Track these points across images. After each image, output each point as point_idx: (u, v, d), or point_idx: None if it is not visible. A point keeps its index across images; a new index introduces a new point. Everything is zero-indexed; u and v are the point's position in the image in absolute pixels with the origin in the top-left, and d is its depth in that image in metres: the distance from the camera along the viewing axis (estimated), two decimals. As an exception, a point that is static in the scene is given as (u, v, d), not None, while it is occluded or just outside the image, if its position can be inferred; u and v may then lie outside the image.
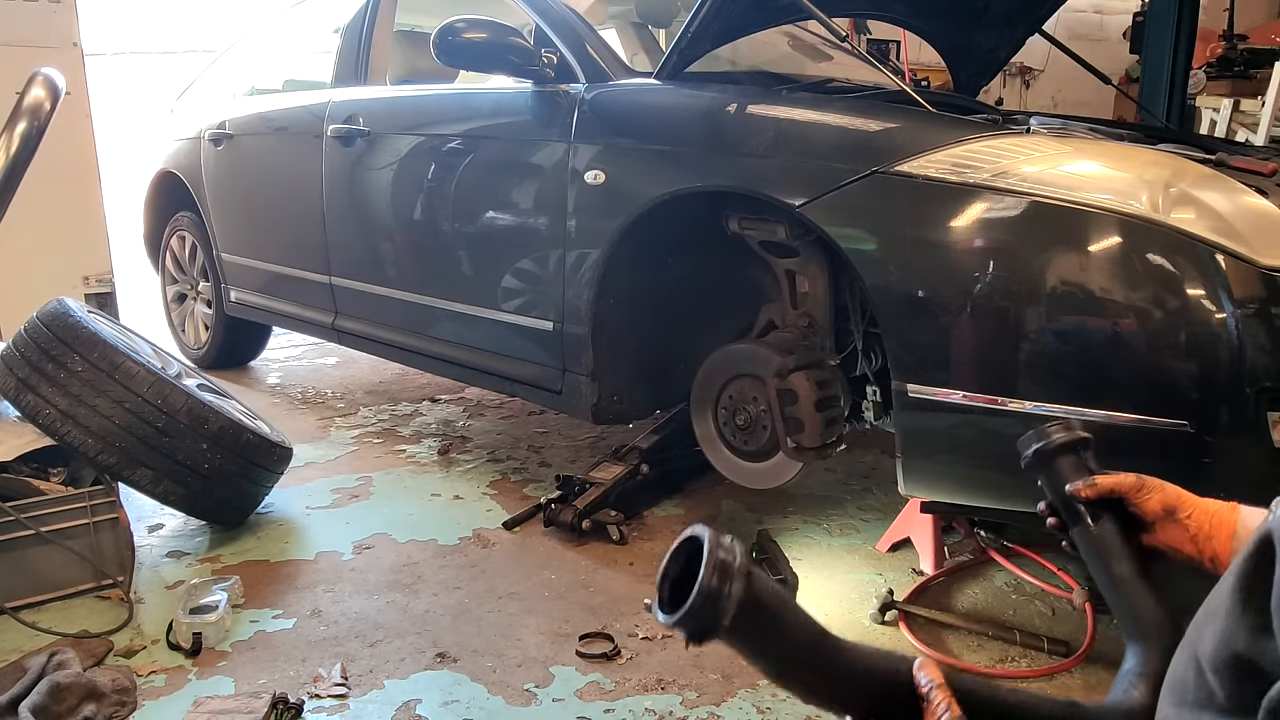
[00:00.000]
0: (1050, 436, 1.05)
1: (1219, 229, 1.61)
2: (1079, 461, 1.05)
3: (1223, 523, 0.98)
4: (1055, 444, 1.05)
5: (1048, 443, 1.05)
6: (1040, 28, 3.02)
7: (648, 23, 3.58)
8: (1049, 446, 1.05)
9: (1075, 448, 1.05)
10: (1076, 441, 1.05)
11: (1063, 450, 1.05)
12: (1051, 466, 1.05)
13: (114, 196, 4.03)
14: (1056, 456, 1.05)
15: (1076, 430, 1.06)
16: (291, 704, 1.76)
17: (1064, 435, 1.05)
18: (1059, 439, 1.05)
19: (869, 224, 1.89)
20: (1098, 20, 8.04)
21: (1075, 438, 1.05)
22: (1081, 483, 1.01)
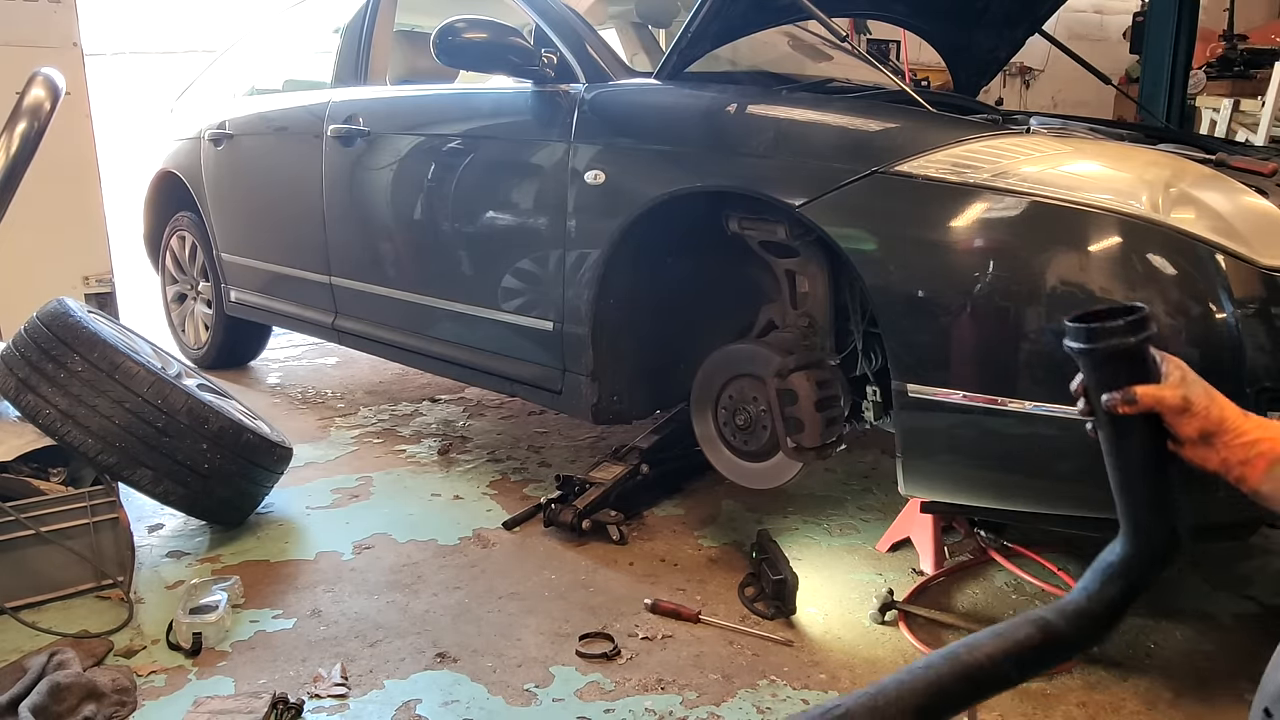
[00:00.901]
0: (1106, 336, 0.95)
1: (1219, 229, 1.61)
2: (1128, 367, 0.97)
3: (1261, 453, 0.95)
4: (1109, 349, 0.96)
5: (1102, 345, 0.96)
6: (1040, 28, 3.02)
7: (648, 23, 3.58)
8: (1102, 349, 0.96)
9: (1130, 353, 0.96)
10: (1135, 348, 0.96)
11: (1117, 355, 0.96)
12: (1098, 365, 0.98)
13: (114, 196, 4.03)
14: (1108, 359, 0.97)
15: (1143, 331, 0.95)
16: (291, 704, 1.76)
17: (1122, 343, 0.95)
18: (1114, 345, 0.95)
19: (869, 224, 1.89)
20: (1098, 20, 8.04)
21: (1136, 344, 0.95)
22: (1120, 397, 0.95)
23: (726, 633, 2.03)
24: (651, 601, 2.12)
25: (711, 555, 2.40)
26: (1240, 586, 2.24)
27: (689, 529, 2.56)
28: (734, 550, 2.42)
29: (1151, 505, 0.98)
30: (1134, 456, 0.98)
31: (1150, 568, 0.97)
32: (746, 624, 2.05)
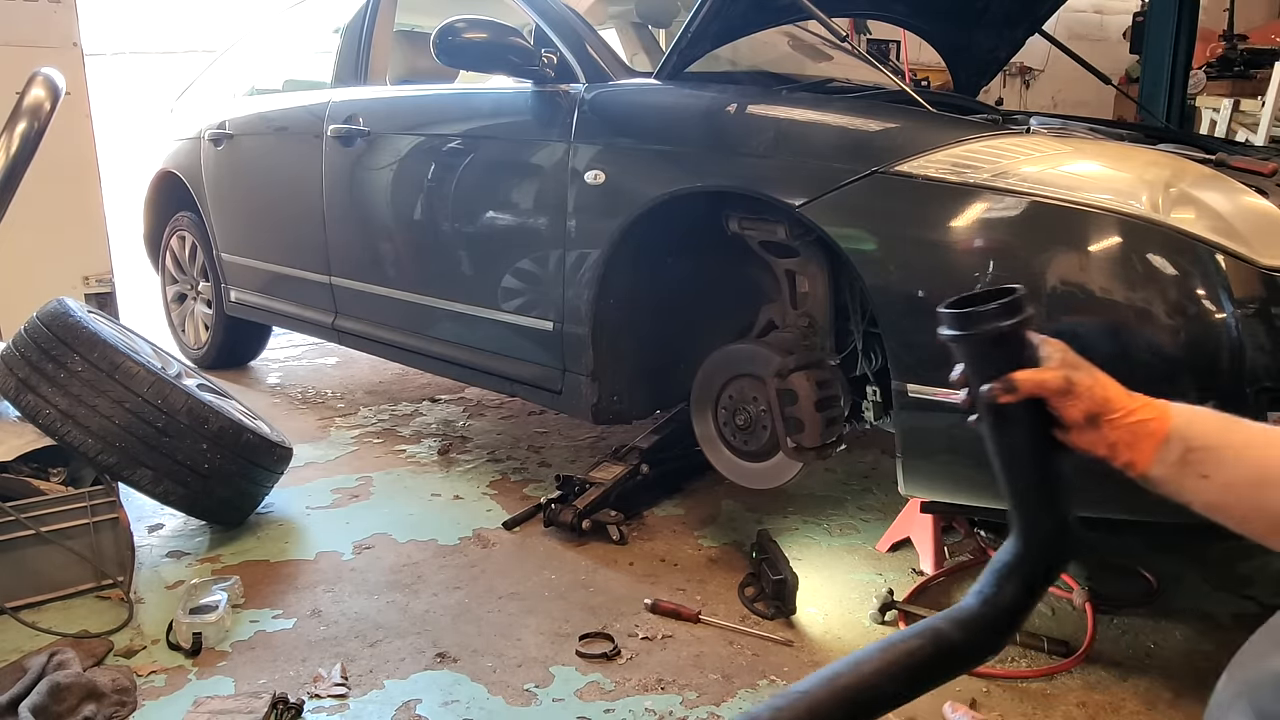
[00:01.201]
0: (981, 321, 0.89)
1: (1219, 229, 1.61)
2: (1005, 352, 0.90)
3: (1149, 433, 0.88)
4: (985, 334, 0.89)
5: (976, 330, 0.89)
6: (1040, 28, 3.02)
7: (648, 23, 3.58)
8: (976, 335, 0.90)
9: (1006, 339, 0.90)
10: (1010, 330, 0.89)
11: (993, 341, 0.90)
12: (974, 352, 0.92)
13: (114, 196, 4.03)
14: (985, 345, 0.91)
15: (1019, 314, 0.89)
16: (291, 704, 1.76)
17: (996, 327, 0.89)
18: (989, 330, 0.89)
19: (869, 224, 1.89)
20: (1098, 20, 8.04)
21: (1011, 327, 0.89)
22: (1000, 385, 0.89)
23: (726, 633, 2.03)
24: (651, 601, 2.12)
25: (711, 555, 2.40)
26: (1240, 586, 2.24)
27: (689, 529, 2.56)
28: (734, 550, 2.42)
29: (1042, 499, 0.94)
30: (1019, 448, 0.93)
31: (1046, 566, 0.93)
32: (746, 624, 2.05)
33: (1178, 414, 0.89)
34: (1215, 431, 0.88)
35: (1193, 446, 0.86)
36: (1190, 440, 0.87)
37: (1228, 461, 0.85)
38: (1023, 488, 0.93)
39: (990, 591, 0.91)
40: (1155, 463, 0.88)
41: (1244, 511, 0.85)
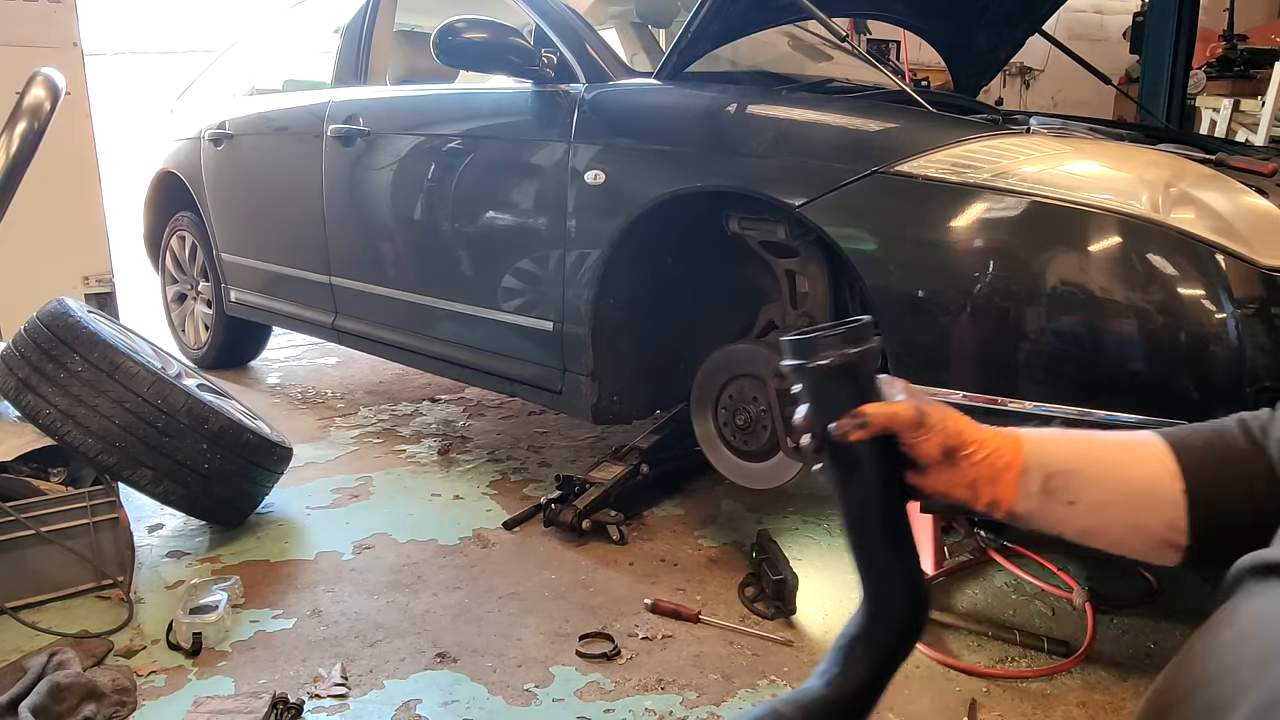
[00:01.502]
0: (823, 350, 0.79)
1: (1219, 229, 1.61)
2: (851, 385, 0.80)
3: (1007, 464, 0.79)
4: (828, 366, 0.79)
5: (819, 361, 0.79)
6: (1040, 28, 3.02)
7: (648, 23, 3.58)
8: (819, 367, 0.79)
9: (852, 369, 0.80)
10: (858, 360, 0.80)
11: (838, 373, 0.80)
12: (819, 386, 0.81)
13: (114, 196, 4.03)
14: (829, 379, 0.80)
15: (865, 343, 0.80)
16: (291, 704, 1.76)
17: (841, 354, 0.79)
18: (833, 360, 0.79)
19: (869, 224, 1.89)
20: (1098, 20, 8.04)
21: (857, 356, 0.79)
22: (851, 423, 0.78)
23: (726, 633, 2.03)
24: (651, 601, 2.12)
25: (711, 555, 2.40)
26: (1240, 586, 2.24)
27: (689, 529, 2.56)
28: (734, 550, 2.42)
29: (894, 557, 0.81)
30: (870, 495, 0.81)
31: (899, 637, 0.80)
32: (746, 624, 2.05)
33: (1029, 440, 0.81)
34: (1071, 453, 0.81)
35: (1052, 472, 0.79)
36: (1048, 465, 0.79)
37: (1091, 483, 0.79)
38: (874, 544, 0.81)
39: (836, 671, 0.78)
40: (1020, 497, 0.79)
41: (1118, 533, 0.80)
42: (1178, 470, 0.78)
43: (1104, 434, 0.83)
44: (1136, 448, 0.81)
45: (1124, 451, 0.81)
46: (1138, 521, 0.78)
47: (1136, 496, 0.78)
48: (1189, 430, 0.82)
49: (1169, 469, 0.78)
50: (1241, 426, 0.80)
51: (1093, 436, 0.82)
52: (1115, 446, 0.81)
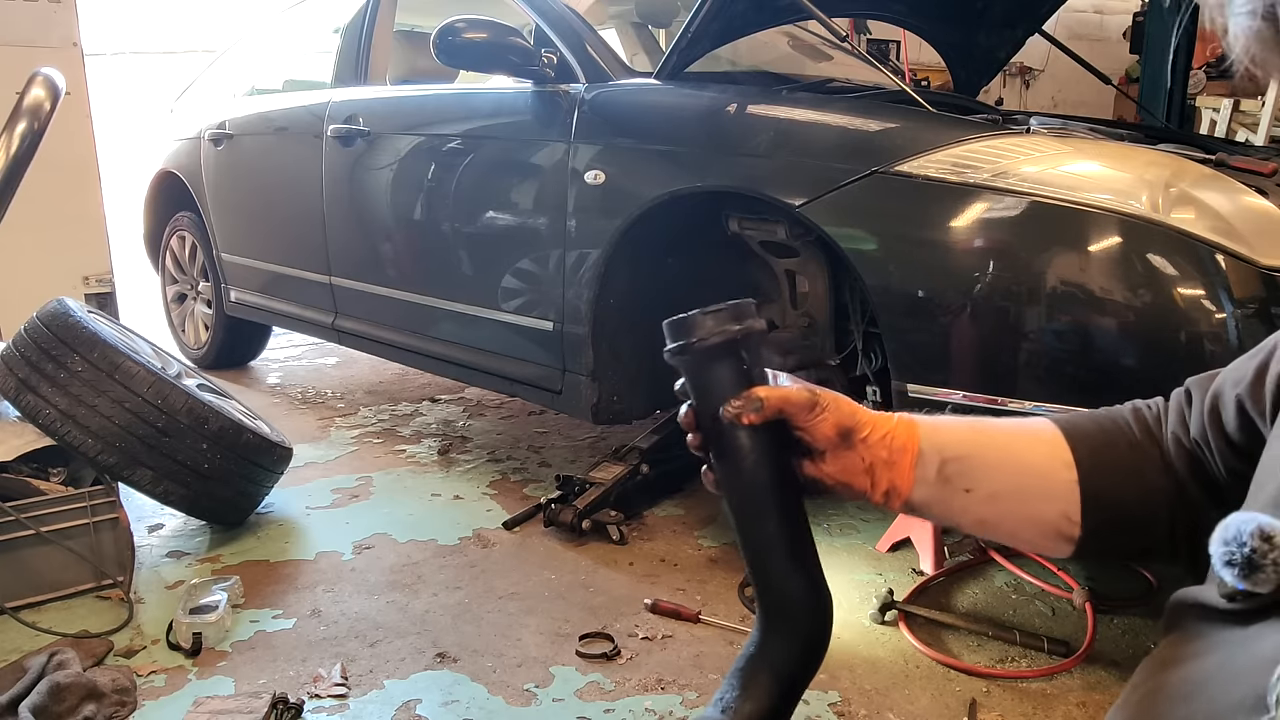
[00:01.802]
0: (704, 328, 0.72)
1: (1219, 229, 1.61)
2: (738, 366, 0.73)
3: (902, 447, 0.75)
4: (711, 344, 0.72)
5: (701, 340, 0.72)
6: (1040, 28, 3.02)
7: (648, 23, 3.58)
8: (702, 345, 0.72)
9: (736, 347, 0.73)
10: (742, 338, 0.73)
11: (721, 352, 0.73)
12: (702, 368, 0.74)
13: (114, 196, 4.03)
14: (712, 359, 0.73)
15: (747, 320, 0.73)
16: (291, 704, 1.75)
17: (723, 330, 0.72)
18: (715, 338, 0.72)
19: (869, 224, 1.89)
20: (1098, 20, 8.04)
21: (740, 333, 0.72)
22: (743, 404, 0.71)
23: (726, 633, 2.03)
24: (651, 601, 2.12)
25: (711, 555, 2.40)
26: (1240, 586, 2.24)
27: (689, 529, 2.56)
28: (734, 550, 2.42)
29: (793, 556, 0.73)
30: (765, 490, 0.73)
31: (807, 649, 0.72)
32: (746, 624, 2.05)
33: (924, 424, 0.77)
34: (967, 439, 0.78)
35: (948, 457, 0.76)
36: (944, 450, 0.76)
37: (988, 470, 0.76)
38: (771, 544, 0.73)
39: (733, 696, 0.69)
40: (917, 483, 0.75)
41: (1013, 525, 0.78)
42: (1071, 459, 0.76)
43: (998, 420, 0.81)
44: (1031, 434, 0.78)
45: (1019, 439, 0.78)
46: (1033, 512, 0.76)
47: (1032, 486, 0.76)
48: (1083, 417, 0.80)
49: (1063, 457, 0.76)
50: (1136, 415, 0.79)
51: (988, 422, 0.80)
52: (1010, 434, 0.79)
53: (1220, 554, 0.54)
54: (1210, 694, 0.53)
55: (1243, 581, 0.53)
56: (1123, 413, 0.81)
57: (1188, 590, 0.62)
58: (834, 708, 1.75)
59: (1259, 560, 0.52)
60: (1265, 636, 0.52)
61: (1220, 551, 0.54)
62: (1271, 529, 0.52)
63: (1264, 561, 0.52)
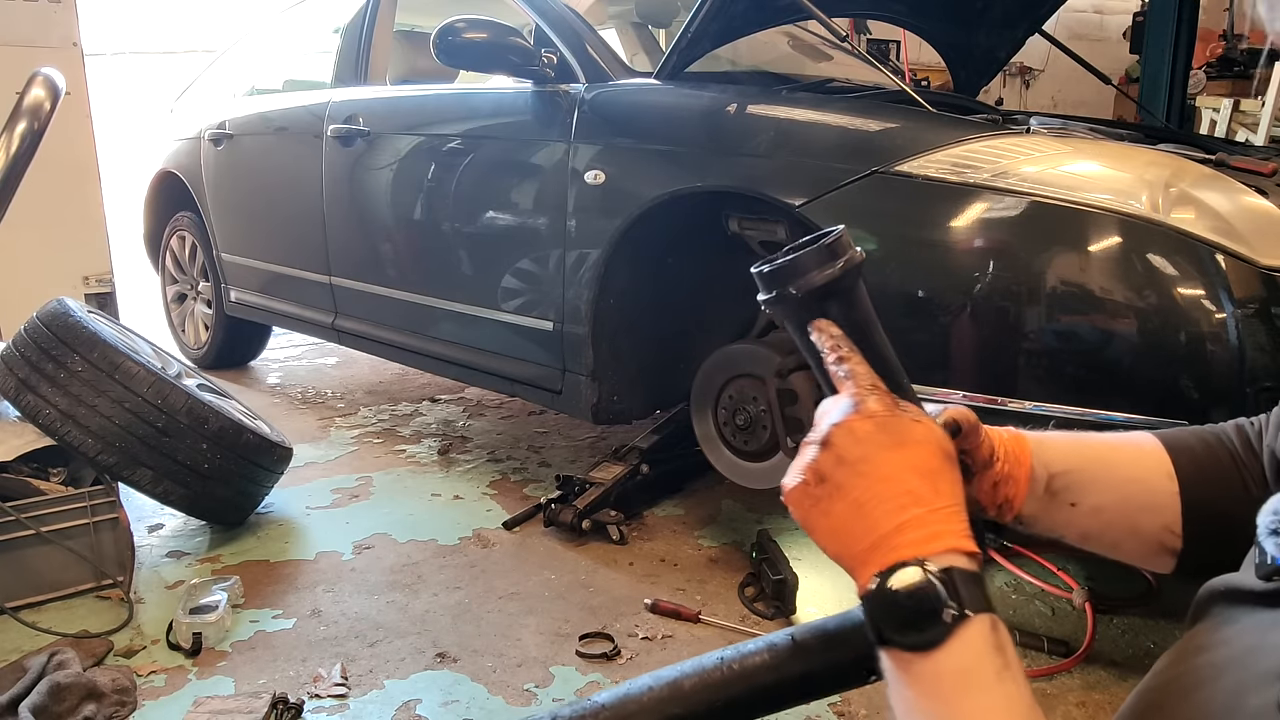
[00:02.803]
0: (801, 272, 0.64)
1: (1219, 229, 1.61)
2: (845, 310, 0.67)
3: (1018, 461, 0.75)
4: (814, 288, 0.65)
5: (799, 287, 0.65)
6: (1040, 28, 3.02)
7: (648, 23, 3.58)
8: (802, 291, 0.65)
9: (851, 289, 0.66)
10: (845, 274, 0.65)
11: (824, 295, 0.65)
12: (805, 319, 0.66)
13: (114, 196, 4.03)
14: (823, 304, 0.66)
15: (846, 253, 0.65)
16: (291, 704, 1.75)
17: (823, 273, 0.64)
18: (817, 280, 0.64)
19: (869, 224, 1.89)
20: (1098, 20, 8.04)
21: (843, 269, 0.65)
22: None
23: (726, 633, 2.03)
24: (651, 601, 2.12)
25: (711, 555, 2.40)
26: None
27: (689, 529, 2.56)
28: (734, 550, 2.42)
29: None
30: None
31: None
32: (746, 624, 2.05)
33: (1033, 439, 0.77)
34: (1073, 453, 0.77)
35: (1055, 472, 0.76)
36: (1051, 465, 0.76)
37: (1092, 483, 0.76)
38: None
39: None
40: (1028, 497, 0.75)
41: (1116, 536, 0.77)
42: (1173, 470, 0.76)
43: (1101, 435, 0.81)
44: (1134, 448, 0.79)
45: (1122, 453, 0.79)
46: (1136, 525, 0.76)
47: (1136, 498, 0.76)
48: (1186, 432, 0.80)
49: (1165, 470, 0.76)
50: (1239, 431, 0.79)
51: (1090, 437, 0.80)
52: (1113, 448, 0.79)
53: (1267, 523, 0.53)
54: (1239, 668, 0.52)
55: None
56: (1225, 428, 0.80)
57: (1219, 578, 0.61)
58: (834, 708, 1.75)
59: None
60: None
61: (1267, 520, 0.53)
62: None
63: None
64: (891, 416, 0.60)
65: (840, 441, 0.60)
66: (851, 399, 0.61)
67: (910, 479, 0.58)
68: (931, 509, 0.57)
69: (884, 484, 0.58)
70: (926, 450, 0.59)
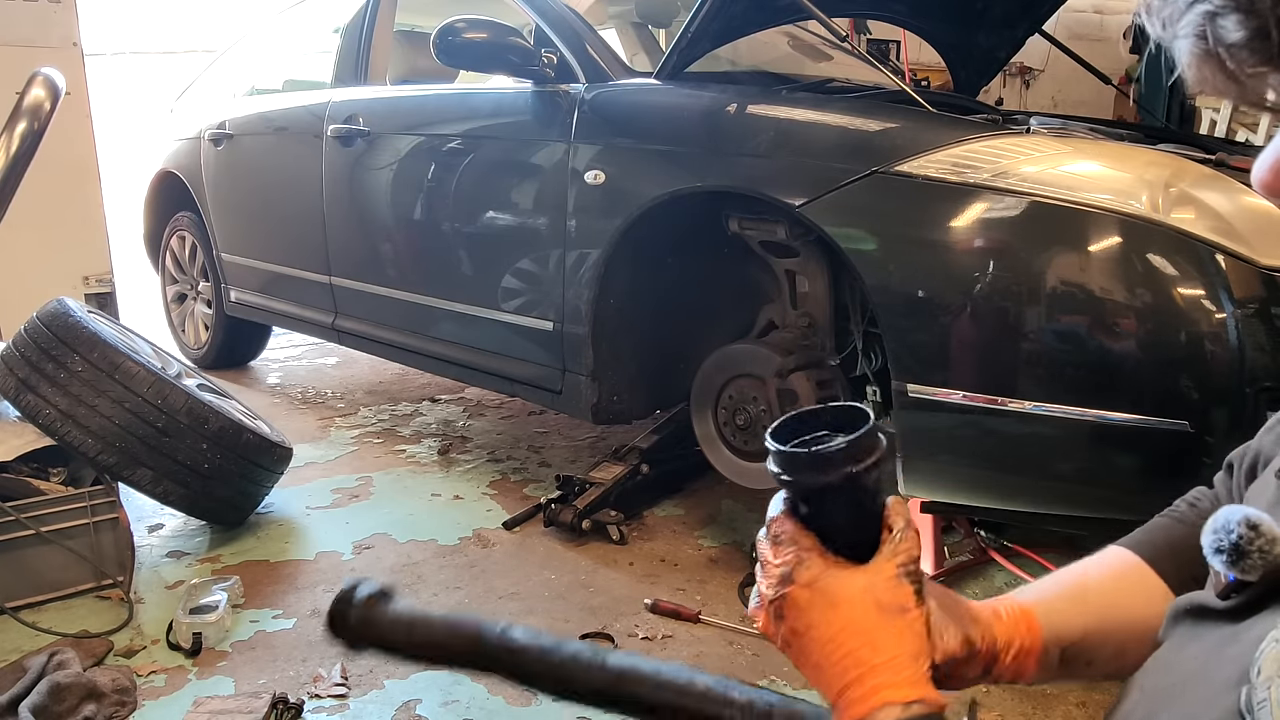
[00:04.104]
0: (825, 468, 0.64)
1: (1219, 229, 1.61)
2: (865, 504, 0.66)
3: (1028, 651, 0.73)
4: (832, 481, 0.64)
5: (818, 478, 0.65)
6: (1040, 28, 3.02)
7: (648, 23, 3.58)
8: (822, 483, 0.65)
9: (869, 487, 0.65)
10: (863, 475, 0.64)
11: (844, 491, 0.65)
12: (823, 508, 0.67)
13: (114, 196, 4.03)
14: (833, 500, 0.66)
15: (876, 451, 0.64)
16: (291, 704, 1.75)
17: (849, 470, 0.63)
18: (838, 476, 0.63)
19: (869, 224, 1.89)
20: (1098, 20, 8.04)
21: (870, 467, 0.63)
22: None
23: (726, 633, 2.03)
24: (651, 601, 2.12)
25: (711, 555, 2.40)
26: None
27: (689, 529, 2.56)
28: (734, 550, 2.42)
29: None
30: None
31: None
32: (746, 624, 2.05)
33: (1041, 613, 0.74)
34: (1078, 618, 0.76)
35: (1066, 645, 0.75)
36: (1063, 639, 0.75)
37: (1104, 642, 0.76)
38: None
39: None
40: (1039, 671, 0.74)
41: (1139, 659, 0.75)
42: (1165, 587, 0.77)
43: (1090, 576, 0.80)
44: (1124, 580, 0.79)
45: (1120, 594, 0.78)
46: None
47: (1147, 634, 0.74)
48: (1157, 535, 0.81)
49: (1161, 592, 0.77)
50: (1193, 511, 0.80)
51: (1087, 587, 0.79)
52: (1109, 591, 0.79)
53: (1210, 542, 0.55)
54: (1202, 682, 0.54)
55: (1231, 570, 0.54)
56: (1181, 510, 0.81)
57: (1184, 597, 0.63)
58: (834, 708, 1.75)
59: (1245, 547, 0.53)
60: (1256, 627, 0.53)
61: (1210, 540, 0.55)
62: (1258, 519, 0.53)
63: (1250, 549, 0.53)
64: (820, 580, 0.64)
65: (789, 614, 0.65)
66: (777, 572, 0.67)
67: (849, 640, 0.62)
68: (869, 667, 0.61)
69: (828, 647, 0.62)
70: (860, 609, 0.62)
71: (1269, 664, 0.48)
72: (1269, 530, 0.53)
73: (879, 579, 0.63)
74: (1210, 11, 0.48)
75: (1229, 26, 0.48)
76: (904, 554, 0.64)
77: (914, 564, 0.65)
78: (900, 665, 0.61)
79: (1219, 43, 0.49)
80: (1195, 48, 0.50)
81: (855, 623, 0.62)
